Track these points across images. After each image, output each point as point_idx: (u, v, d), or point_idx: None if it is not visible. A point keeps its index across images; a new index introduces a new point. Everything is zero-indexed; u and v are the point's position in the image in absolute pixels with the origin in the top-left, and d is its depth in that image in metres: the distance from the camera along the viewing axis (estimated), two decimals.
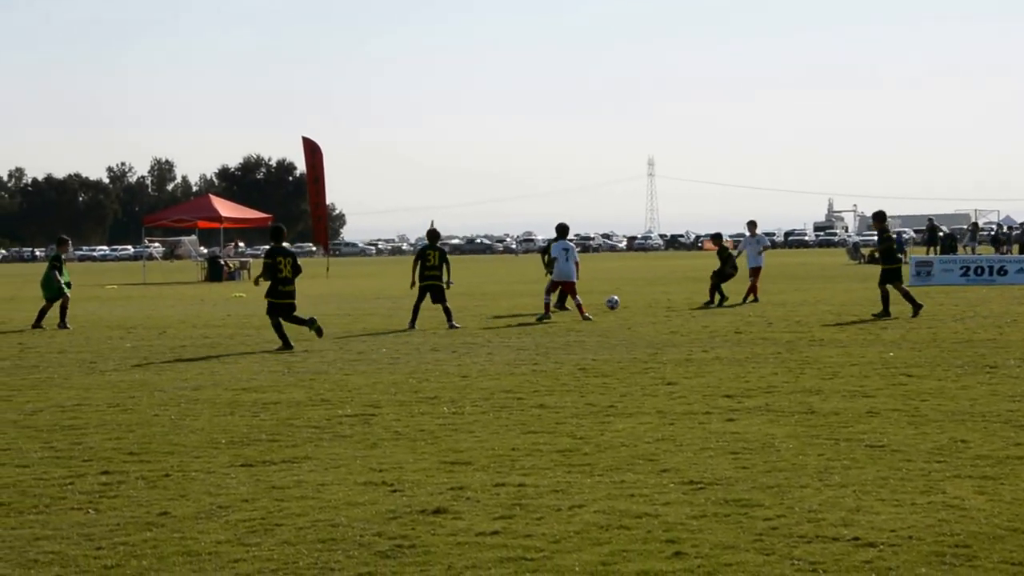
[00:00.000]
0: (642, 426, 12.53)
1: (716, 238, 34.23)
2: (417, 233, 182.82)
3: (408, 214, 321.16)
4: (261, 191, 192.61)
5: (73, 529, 8.60)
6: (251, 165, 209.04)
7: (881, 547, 7.86)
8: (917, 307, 26.15)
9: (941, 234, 73.41)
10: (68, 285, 28.17)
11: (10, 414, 14.18)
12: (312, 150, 67.18)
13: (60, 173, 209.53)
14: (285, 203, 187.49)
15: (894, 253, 27.07)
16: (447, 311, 26.21)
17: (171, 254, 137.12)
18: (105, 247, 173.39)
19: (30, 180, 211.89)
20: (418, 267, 26.46)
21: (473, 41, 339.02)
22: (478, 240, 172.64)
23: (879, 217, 27.42)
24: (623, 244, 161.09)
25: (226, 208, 70.82)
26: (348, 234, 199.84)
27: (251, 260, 75.32)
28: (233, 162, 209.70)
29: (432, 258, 26.54)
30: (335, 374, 17.68)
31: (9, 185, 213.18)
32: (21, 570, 7.63)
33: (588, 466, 10.50)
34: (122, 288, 54.39)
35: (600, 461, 10.71)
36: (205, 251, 75.91)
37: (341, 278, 61.61)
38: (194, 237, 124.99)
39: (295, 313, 22.62)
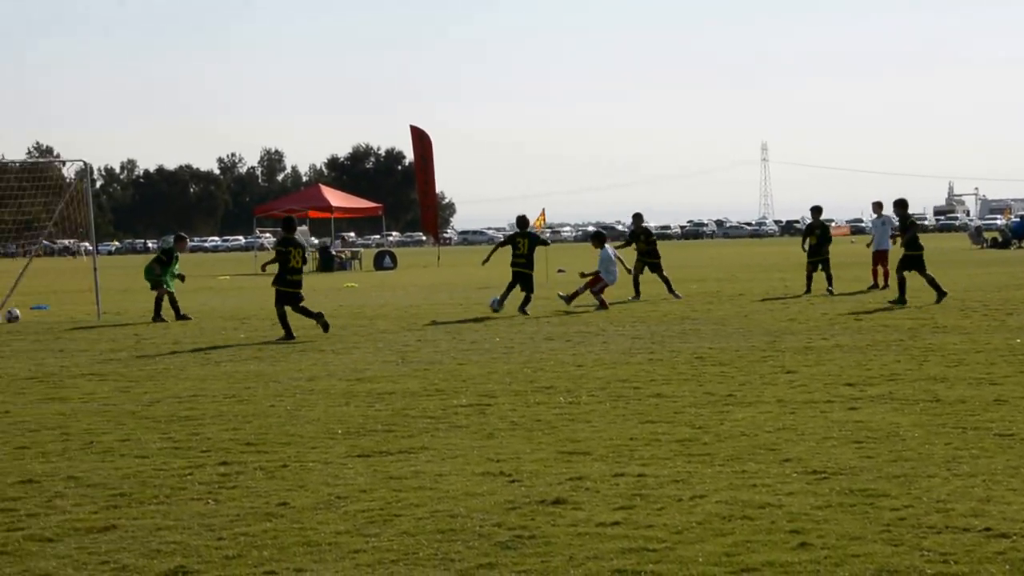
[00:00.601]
0: (762, 415, 12.44)
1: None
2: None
3: (520, 203, 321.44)
4: (370, 180, 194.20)
5: (194, 519, 8.74)
6: (360, 154, 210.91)
7: (1014, 538, 7.73)
8: (941, 294, 26.26)
9: None
10: (181, 278, 28.59)
11: (128, 405, 14.44)
12: (420, 138, 67.54)
13: (171, 165, 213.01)
14: (394, 192, 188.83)
15: (917, 240, 27.18)
16: (528, 298, 26.97)
17: None
18: (216, 238, 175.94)
19: (142, 172, 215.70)
20: (502, 251, 27.81)
21: (581, 25, 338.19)
22: (589, 228, 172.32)
23: (902, 204, 27.96)
24: (740, 229, 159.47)
25: (336, 198, 71.60)
26: (458, 223, 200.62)
27: (362, 250, 75.88)
28: (342, 152, 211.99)
29: (521, 246, 26.99)
30: (449, 364, 17.77)
31: (121, 177, 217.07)
32: (145, 559, 7.77)
33: (708, 456, 10.45)
34: (234, 279, 55.15)
35: (720, 451, 10.65)
36: (316, 241, 76.49)
37: (452, 267, 61.92)
38: (305, 227, 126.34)
39: (303, 304, 23.20)
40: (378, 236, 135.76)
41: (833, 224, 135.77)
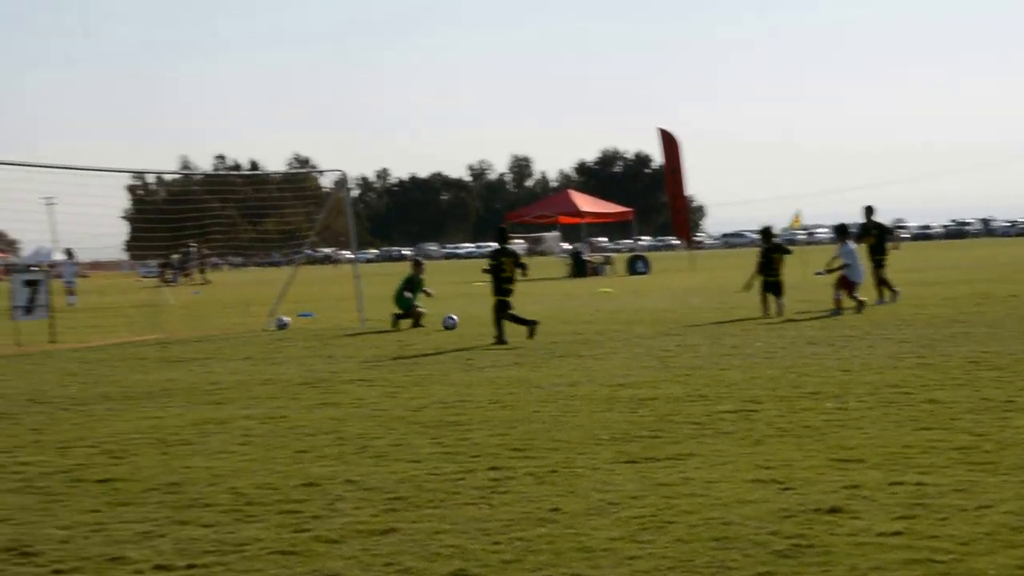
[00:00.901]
0: None
1: None
2: (781, 224, 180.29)
3: (773, 204, 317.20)
4: (619, 184, 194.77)
5: (470, 524, 8.91)
6: (608, 159, 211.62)
7: None
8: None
9: None
10: (427, 293, 29.07)
11: (397, 410, 14.81)
12: (669, 142, 67.39)
13: (424, 173, 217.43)
14: (643, 196, 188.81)
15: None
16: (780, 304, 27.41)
17: (534, 250, 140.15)
18: (469, 244, 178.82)
19: (396, 180, 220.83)
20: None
21: (833, 21, 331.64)
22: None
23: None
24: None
25: (585, 203, 71.88)
26: (709, 226, 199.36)
27: (614, 255, 76.06)
28: (590, 156, 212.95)
29: (776, 261, 27.73)
30: (710, 369, 17.69)
31: (376, 186, 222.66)
32: (425, 562, 7.96)
33: (991, 464, 10.14)
34: (489, 285, 55.82)
35: (1004, 459, 10.32)
36: (567, 246, 77.00)
37: (706, 271, 61.60)
38: (556, 233, 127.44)
39: (512, 311, 24.01)
40: (629, 241, 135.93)
41: None
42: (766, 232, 28.65)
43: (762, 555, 7.80)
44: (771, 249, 28.19)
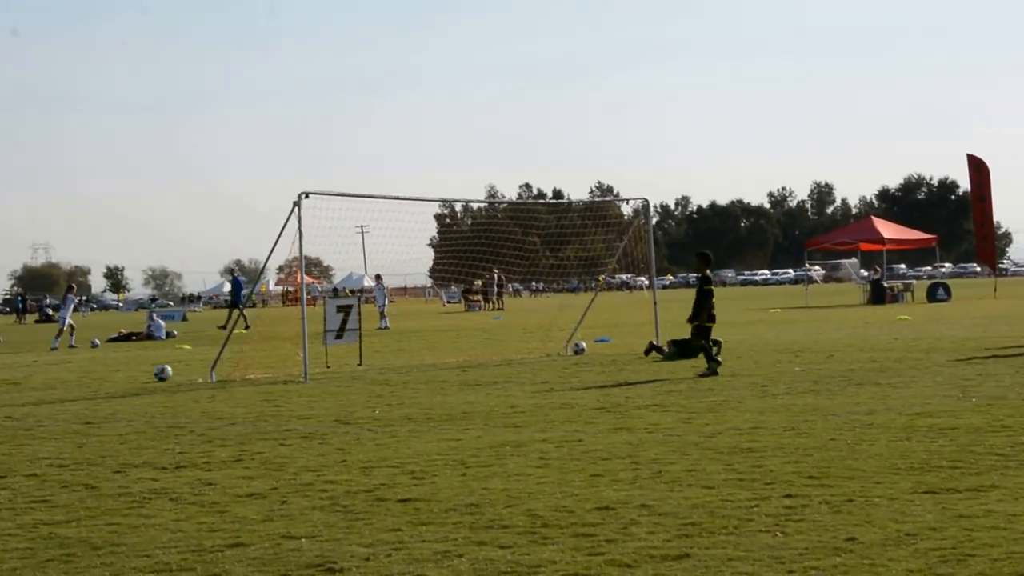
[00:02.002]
0: None
1: None
2: None
3: None
4: (922, 211, 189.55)
5: (763, 551, 8.74)
6: (912, 185, 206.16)
7: None
8: None
9: None
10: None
11: (691, 436, 14.69)
12: (977, 168, 65.07)
13: (723, 200, 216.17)
14: (947, 222, 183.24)
15: None
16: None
17: (831, 276, 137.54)
18: (766, 271, 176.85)
19: (695, 208, 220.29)
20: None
21: None
22: None
23: None
24: None
25: (888, 230, 70.37)
26: (1014, 252, 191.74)
27: (914, 282, 74.03)
28: (893, 183, 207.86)
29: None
30: (1014, 399, 16.96)
31: (676, 213, 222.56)
32: None
33: None
34: (785, 311, 55.14)
35: None
36: (866, 273, 75.38)
37: (1010, 298, 59.27)
38: (854, 260, 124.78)
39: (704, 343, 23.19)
40: (929, 268, 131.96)
41: None
42: None
43: None
44: None
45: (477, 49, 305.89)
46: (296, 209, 26.00)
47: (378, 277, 57.38)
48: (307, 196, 26.17)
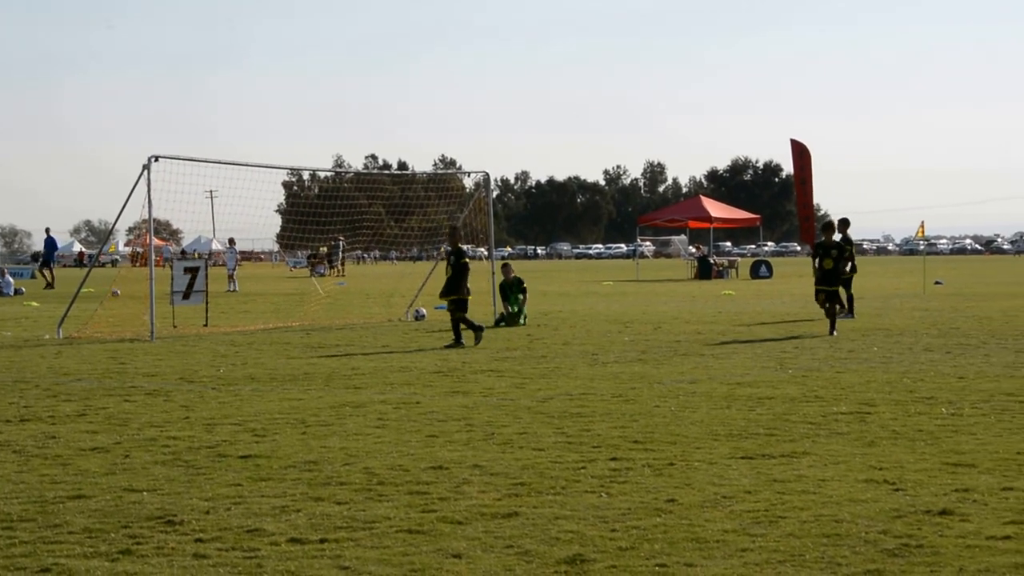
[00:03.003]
0: None
1: None
2: (904, 233, 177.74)
3: (893, 215, 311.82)
4: (748, 192, 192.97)
5: (589, 511, 8.85)
6: (739, 167, 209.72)
7: None
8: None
9: None
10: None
11: (524, 400, 14.79)
12: (800, 152, 66.44)
13: (561, 176, 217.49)
14: (771, 203, 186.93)
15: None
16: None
17: (661, 252, 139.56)
18: (600, 245, 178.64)
19: (534, 183, 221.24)
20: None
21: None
22: (966, 241, 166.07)
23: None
24: None
25: (716, 209, 71.55)
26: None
27: (739, 259, 75.46)
28: (722, 164, 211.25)
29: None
30: (827, 371, 17.41)
31: (515, 187, 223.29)
32: (545, 546, 7.92)
33: None
34: (617, 284, 55.78)
35: None
36: (693, 250, 76.65)
37: None
38: (683, 237, 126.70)
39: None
40: (753, 246, 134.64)
41: None
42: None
43: (871, 553, 7.63)
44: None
45: (325, 20, 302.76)
46: (146, 172, 25.50)
47: (231, 241, 56.56)
48: (156, 160, 25.69)
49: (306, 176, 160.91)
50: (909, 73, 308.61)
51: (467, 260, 23.65)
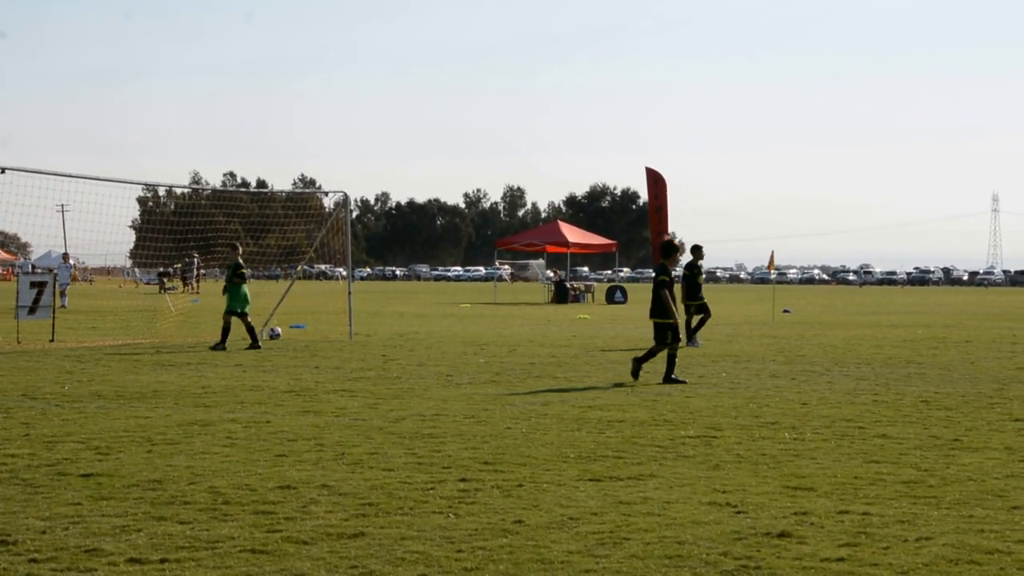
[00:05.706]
0: (989, 461, 11.97)
1: None
2: (756, 263, 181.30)
3: (742, 245, 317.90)
4: (605, 218, 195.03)
5: (436, 531, 8.83)
6: (597, 193, 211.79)
7: None
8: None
9: None
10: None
11: (376, 421, 14.72)
12: (655, 180, 67.29)
13: (421, 198, 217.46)
14: (628, 230, 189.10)
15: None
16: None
17: (519, 276, 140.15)
18: (459, 268, 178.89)
19: (394, 204, 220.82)
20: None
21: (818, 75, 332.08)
22: (814, 271, 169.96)
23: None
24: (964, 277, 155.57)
25: (573, 234, 72.07)
26: (685, 259, 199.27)
27: (595, 284, 76.14)
28: (580, 190, 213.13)
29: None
30: (677, 396, 17.62)
31: (375, 208, 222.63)
32: (391, 566, 7.88)
33: (934, 499, 10.09)
34: (475, 307, 55.87)
35: (946, 494, 10.27)
36: (551, 274, 77.13)
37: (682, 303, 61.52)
38: (541, 261, 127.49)
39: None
40: (609, 271, 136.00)
41: None
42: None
43: (711, 574, 7.74)
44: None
45: (195, 41, 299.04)
46: None
47: (65, 256, 55.18)
48: (3, 172, 25.06)
49: (162, 192, 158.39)
50: (771, 107, 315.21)
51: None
